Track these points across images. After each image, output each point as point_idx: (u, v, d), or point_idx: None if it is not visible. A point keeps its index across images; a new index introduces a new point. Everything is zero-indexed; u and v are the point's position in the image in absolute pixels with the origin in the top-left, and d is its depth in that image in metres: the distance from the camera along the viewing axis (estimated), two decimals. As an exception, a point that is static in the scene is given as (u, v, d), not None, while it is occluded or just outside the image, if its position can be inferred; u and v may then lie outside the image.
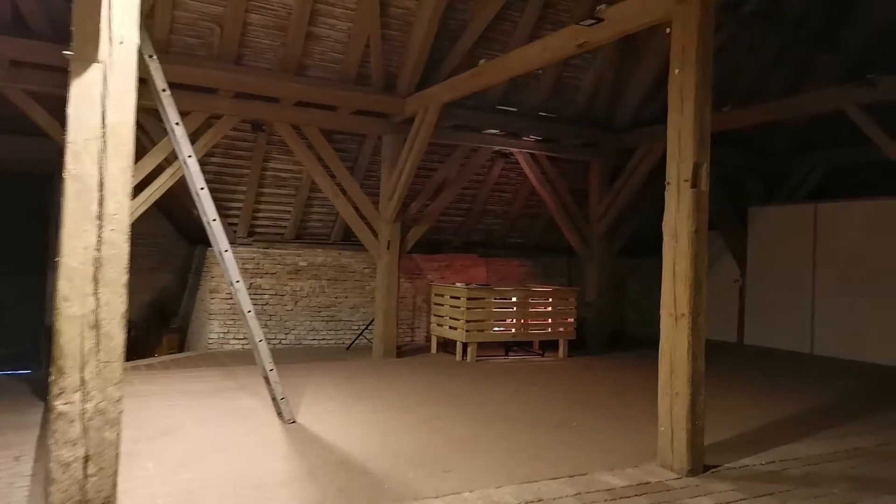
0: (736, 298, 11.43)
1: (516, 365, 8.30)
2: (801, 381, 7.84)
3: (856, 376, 8.22)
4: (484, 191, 9.92)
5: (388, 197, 8.26)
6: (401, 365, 7.93)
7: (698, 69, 4.17)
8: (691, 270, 4.14)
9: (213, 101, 7.26)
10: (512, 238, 10.90)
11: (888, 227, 9.26)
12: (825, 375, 8.23)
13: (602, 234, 9.82)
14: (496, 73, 6.33)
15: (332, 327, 9.26)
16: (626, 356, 9.24)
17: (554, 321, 8.97)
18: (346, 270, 9.40)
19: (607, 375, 7.74)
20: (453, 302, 8.51)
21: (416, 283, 9.90)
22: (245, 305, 4.84)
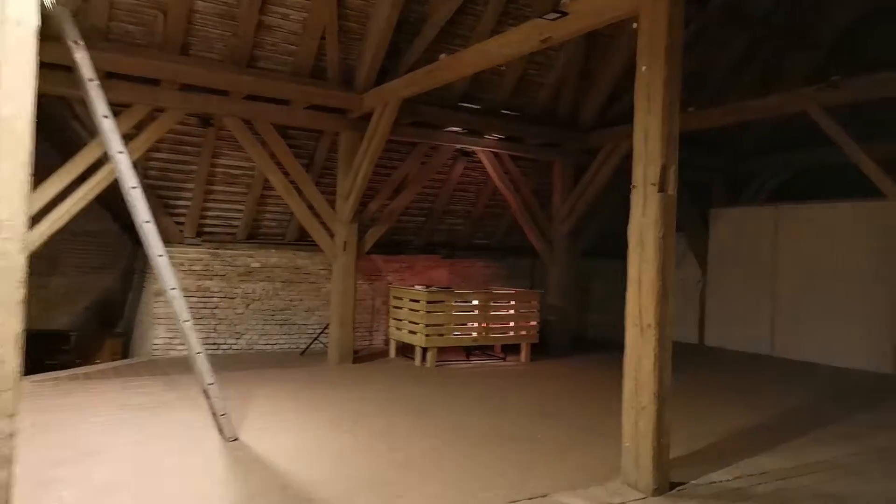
0: (697, 300, 11.39)
1: (478, 370, 8.05)
2: (762, 384, 7.76)
3: (816, 379, 8.18)
4: (446, 190, 9.64)
5: (344, 196, 7.92)
6: (357, 372, 7.60)
7: (667, 66, 3.95)
8: (658, 279, 3.92)
9: (157, 92, 6.82)
10: (475, 239, 10.65)
11: (848, 229, 9.27)
12: (786, 379, 8.17)
13: (565, 235, 9.63)
14: (456, 69, 6.05)
15: (287, 331, 8.88)
16: (589, 360, 9.06)
17: (516, 324, 8.74)
18: (301, 272, 9.02)
19: (571, 381, 7.54)
20: (412, 305, 8.21)
21: (375, 284, 9.57)
22: (182, 314, 4.47)
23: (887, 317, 8.78)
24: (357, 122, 7.91)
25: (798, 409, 6.44)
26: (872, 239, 9.00)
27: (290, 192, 7.77)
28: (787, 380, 8.13)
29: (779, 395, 7.10)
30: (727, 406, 6.47)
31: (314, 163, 8.42)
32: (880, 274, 8.89)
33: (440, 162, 8.98)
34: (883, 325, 8.82)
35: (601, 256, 11.33)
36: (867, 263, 9.03)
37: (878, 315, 8.87)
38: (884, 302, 8.83)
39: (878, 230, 8.94)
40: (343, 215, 7.94)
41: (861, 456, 4.89)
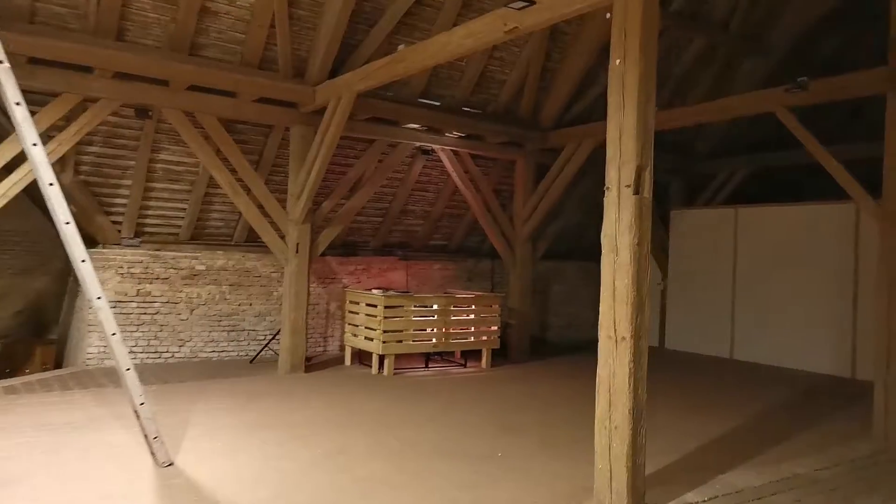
0: (657, 302, 11.29)
1: (437, 378, 7.70)
2: (725, 390, 7.63)
3: (779, 384, 8.11)
4: (404, 190, 9.27)
5: (296, 195, 7.47)
6: (310, 381, 7.16)
7: (642, 59, 3.68)
8: (633, 288, 3.64)
9: (89, 80, 6.27)
10: (433, 240, 10.31)
11: (808, 232, 9.25)
12: (749, 383, 8.06)
13: (526, 237, 9.37)
14: (416, 61, 5.68)
15: (234, 338, 8.37)
16: (551, 365, 8.82)
17: (477, 329, 8.43)
18: (250, 275, 8.53)
19: (533, 389, 7.26)
20: (369, 310, 7.82)
21: (329, 288, 9.13)
22: (109, 327, 3.99)
23: (847, 321, 8.78)
24: (309, 117, 7.47)
25: (765, 417, 6.30)
26: (833, 242, 8.99)
27: (237, 190, 7.29)
28: (750, 385, 8.02)
29: (744, 400, 6.96)
30: (692, 413, 6.28)
31: (263, 159, 7.95)
32: (841, 278, 8.89)
33: (398, 160, 8.61)
34: (843, 329, 8.82)
35: (560, 257, 11.13)
36: (828, 266, 9.02)
37: (839, 319, 8.87)
38: (844, 306, 8.83)
39: (839, 233, 8.94)
40: (295, 215, 7.49)
41: (835, 469, 4.72)
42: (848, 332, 8.80)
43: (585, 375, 8.10)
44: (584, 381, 7.83)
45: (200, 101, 6.84)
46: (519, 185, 9.41)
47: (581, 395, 6.94)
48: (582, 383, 7.54)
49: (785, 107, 6.40)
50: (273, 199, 7.49)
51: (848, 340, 8.79)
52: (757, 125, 11.00)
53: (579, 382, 7.65)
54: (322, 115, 7.16)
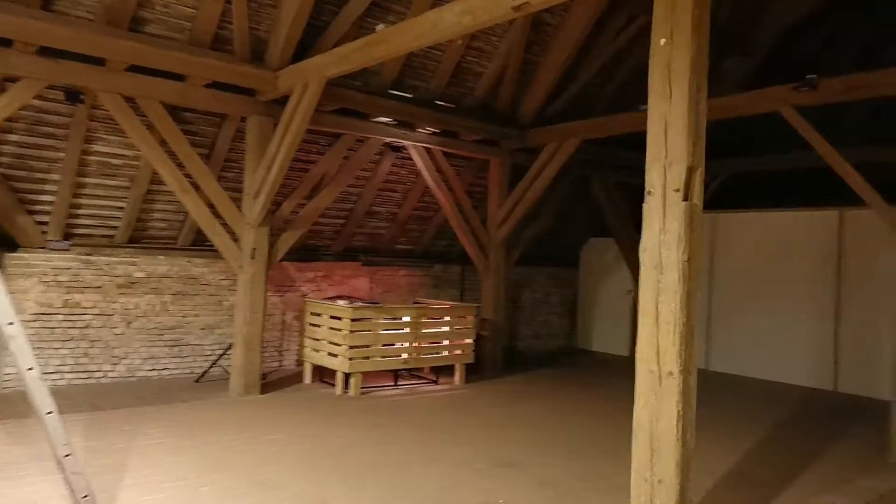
0: (628, 311, 10.86)
1: (409, 398, 6.98)
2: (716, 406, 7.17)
3: (765, 399, 7.72)
4: (370, 189, 8.50)
5: (253, 194, 6.63)
6: (268, 406, 6.33)
7: (695, 38, 3.07)
8: (683, 313, 3.03)
9: (8, 56, 5.29)
10: (399, 244, 9.56)
11: (790, 239, 8.95)
12: (737, 399, 7.64)
13: (501, 242, 8.75)
14: (399, 43, 4.96)
15: (178, 354, 7.44)
16: (527, 380, 8.22)
17: (451, 343, 7.75)
18: (197, 283, 7.61)
19: (516, 410, 6.62)
20: (334, 323, 7.03)
21: (286, 296, 8.28)
22: (25, 361, 3.13)
23: (829, 332, 8.50)
24: (269, 106, 6.65)
25: (770, 439, 5.82)
26: (816, 250, 8.71)
27: (184, 187, 6.39)
28: (739, 400, 7.60)
29: (740, 418, 6.50)
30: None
31: (215, 153, 7.06)
32: (822, 287, 8.60)
33: (366, 157, 7.84)
34: (825, 340, 8.53)
35: (530, 264, 10.55)
36: (809, 275, 8.73)
37: (820, 330, 8.57)
38: (826, 317, 8.54)
39: (822, 240, 8.66)
40: (251, 217, 6.64)
41: (871, 510, 4.25)
42: (829, 343, 8.51)
43: (569, 393, 7.57)
44: (569, 400, 7.31)
45: (142, 84, 5.94)
46: (493, 187, 8.78)
47: (572, 418, 6.37)
48: (568, 403, 6.99)
49: (792, 106, 5.95)
50: (226, 198, 6.63)
51: (829, 352, 8.51)
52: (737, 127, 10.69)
53: (565, 402, 7.09)
54: (284, 104, 6.36)
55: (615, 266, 11.13)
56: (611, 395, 7.57)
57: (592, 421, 6.31)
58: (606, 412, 6.69)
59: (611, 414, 6.60)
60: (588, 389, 7.85)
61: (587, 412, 6.66)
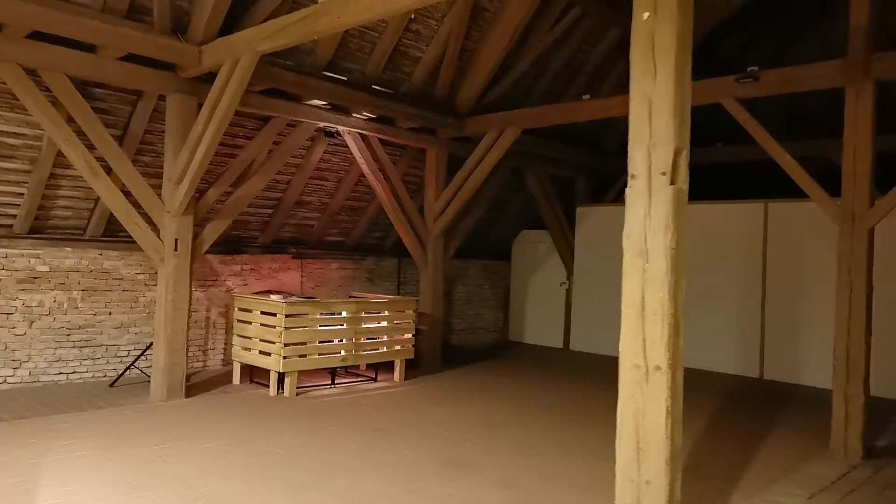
0: (563, 302, 10.88)
1: (348, 398, 6.61)
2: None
3: (699, 387, 7.85)
4: (300, 178, 8.02)
5: (175, 180, 6.06)
6: (195, 411, 5.80)
7: (681, 12, 2.90)
8: (672, 304, 2.86)
9: None
10: (329, 236, 9.12)
11: (718, 231, 9.15)
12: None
13: (439, 233, 8.48)
14: (344, 15, 4.57)
15: (89, 356, 6.75)
16: (468, 375, 8.02)
17: (390, 338, 7.42)
18: (110, 277, 6.92)
19: (462, 407, 6.38)
20: (266, 319, 6.56)
21: (210, 291, 7.70)
22: None
23: (756, 321, 8.75)
24: (191, 84, 6.09)
25: (716, 428, 5.86)
26: (743, 242, 8.95)
27: (95, 171, 5.75)
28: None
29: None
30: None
31: (129, 134, 6.40)
32: (749, 278, 8.85)
33: (298, 142, 7.36)
34: (752, 329, 8.78)
35: (462, 257, 10.35)
36: (737, 267, 8.97)
37: (748, 320, 8.82)
38: (753, 306, 8.80)
39: (748, 233, 8.91)
40: (173, 205, 6.07)
41: (822, 496, 4.28)
42: (756, 332, 8.77)
43: (510, 387, 7.40)
44: (511, 393, 7.12)
45: (46, 54, 5.26)
46: (430, 177, 8.50)
47: (517, 412, 6.20)
48: (510, 397, 6.81)
49: (734, 98, 5.99)
50: (144, 185, 6.02)
51: (756, 341, 8.77)
52: None
53: (507, 396, 6.93)
54: (208, 82, 5.83)
55: (548, 258, 11.11)
56: (551, 386, 7.48)
57: (536, 414, 6.17)
58: (549, 404, 6.58)
59: (554, 406, 6.49)
60: (528, 382, 7.73)
61: (530, 405, 6.52)
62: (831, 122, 6.19)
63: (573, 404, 6.67)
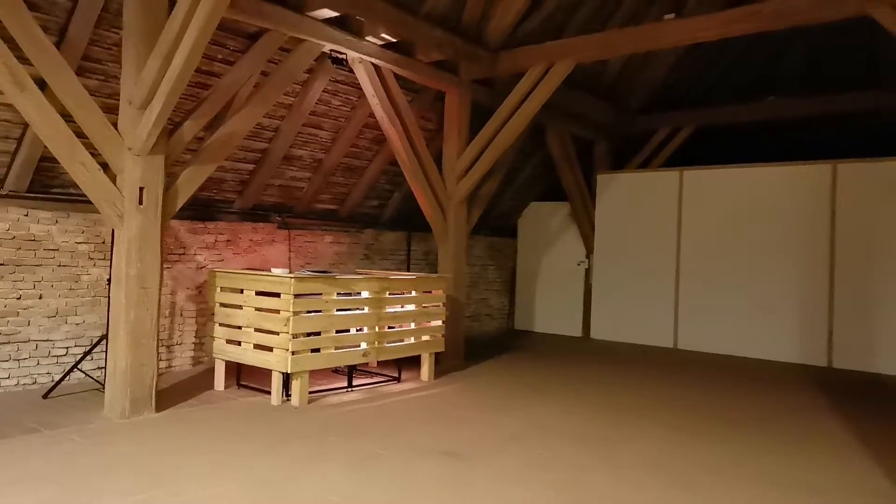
0: (581, 283, 9.49)
1: (376, 405, 4.96)
2: (728, 395, 5.87)
3: (771, 380, 6.60)
4: (292, 123, 6.26)
5: (139, 102, 4.24)
6: (172, 432, 4.03)
7: None
8: None
9: None
10: (321, 202, 7.38)
11: (772, 198, 7.94)
12: (741, 383, 6.43)
13: (462, 198, 6.89)
14: None
15: (11, 356, 4.84)
16: (499, 370, 6.50)
17: (418, 326, 5.80)
18: (40, 247, 5.02)
19: (529, 413, 4.84)
20: (265, 303, 4.82)
21: (175, 268, 5.88)
22: None
23: (822, 304, 7.57)
24: (164, -32, 4.29)
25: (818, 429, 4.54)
26: (803, 211, 7.75)
27: (21, 82, 3.88)
28: (745, 384, 6.39)
29: (765, 408, 5.21)
30: (721, 440, 4.33)
31: (68, 42, 4.52)
32: (812, 253, 7.67)
33: (296, 69, 5.60)
34: (817, 313, 7.60)
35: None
36: (795, 240, 7.77)
37: (810, 302, 7.64)
38: (816, 286, 7.61)
39: (811, 200, 7.72)
40: (137, 139, 4.25)
41: None
42: (823, 316, 7.59)
43: (564, 387, 5.80)
44: (573, 396, 5.28)
45: None
46: (452, 128, 6.88)
47: (610, 422, 4.58)
48: (578, 400, 5.19)
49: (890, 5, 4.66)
50: (94, 107, 4.18)
51: (823, 326, 7.59)
52: (705, 75, 9.63)
53: (573, 399, 5.37)
54: (189, -38, 4.04)
55: (562, 234, 9.70)
56: (606, 382, 6.05)
57: (631, 422, 4.68)
58: (629, 406, 5.13)
59: (639, 409, 5.04)
60: (573, 378, 6.27)
61: (609, 409, 5.04)
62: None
63: (662, 406, 5.24)
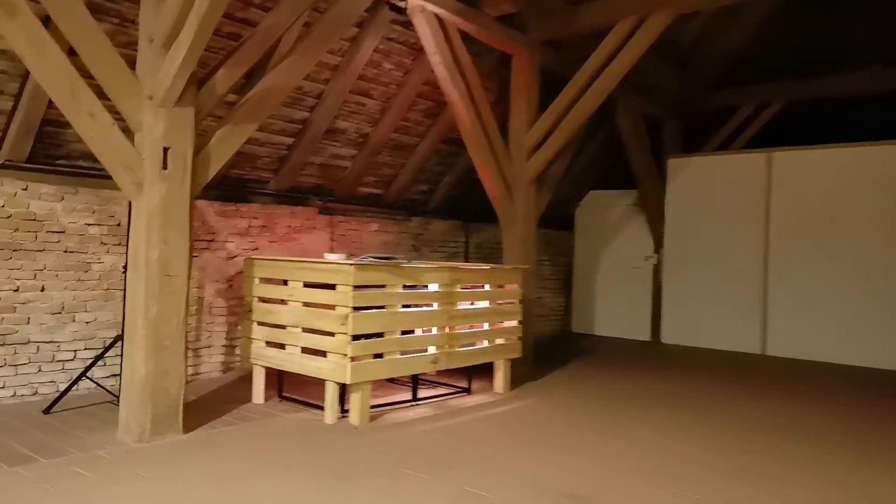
0: (649, 281, 8.48)
1: (453, 424, 3.99)
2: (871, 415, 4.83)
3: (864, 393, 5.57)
4: (338, 87, 5.33)
5: (162, 39, 3.32)
6: (206, 464, 3.10)
7: None
8: None
9: None
10: (364, 185, 6.45)
11: (873, 180, 6.90)
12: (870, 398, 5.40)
13: (532, 177, 5.92)
14: None
15: (7, 360, 3.95)
16: (579, 380, 5.53)
17: (492, 327, 4.84)
18: (42, 229, 4.13)
19: (658, 437, 3.86)
20: (317, 296, 3.88)
21: (203, 257, 4.97)
22: None
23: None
24: None
25: None
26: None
27: (12, 9, 2.98)
28: (871, 398, 5.36)
29: None
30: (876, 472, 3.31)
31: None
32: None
33: (346, 17, 4.66)
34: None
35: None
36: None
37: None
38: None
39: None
40: (160, 85, 3.33)
41: None
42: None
43: (673, 402, 4.46)
44: (689, 413, 4.31)
45: None
46: (520, 95, 5.91)
47: (726, 448, 3.53)
48: (707, 420, 4.03)
49: None
50: (105, 42, 3.26)
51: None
52: (794, 43, 8.50)
53: (697, 417, 4.30)
54: None
55: (625, 226, 8.71)
56: (720, 397, 5.05)
57: (811, 452, 3.69)
58: (774, 427, 4.12)
59: (788, 432, 4.04)
60: (670, 388, 5.28)
61: (757, 433, 4.04)
62: None
63: (797, 426, 4.24)
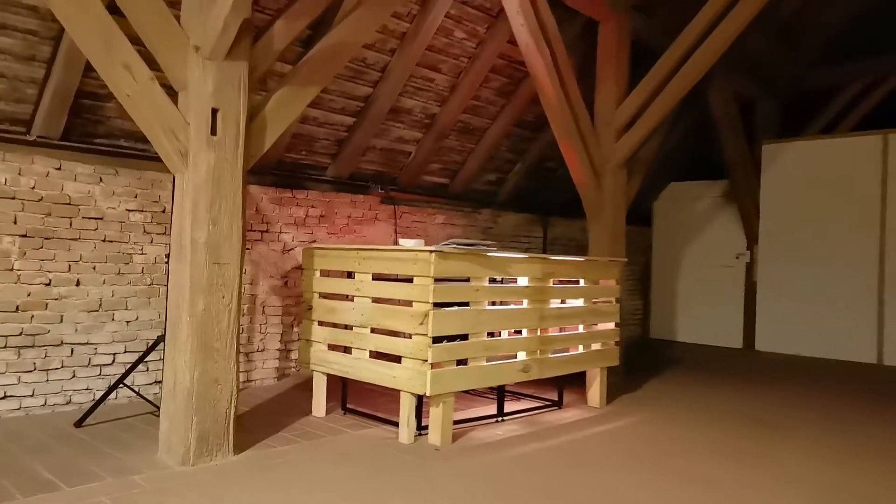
0: (741, 282, 7.63)
1: (553, 445, 3.31)
2: None
3: None
4: (404, 59, 4.73)
5: (211, -20, 2.76)
6: (259, 498, 2.50)
7: None
8: None
9: None
10: (429, 173, 5.83)
11: None
12: None
13: (621, 162, 5.20)
14: None
15: (37, 365, 3.45)
16: (682, 391, 4.76)
17: (587, 331, 4.15)
18: (78, 214, 3.64)
19: (783, 471, 3.12)
20: (389, 291, 3.26)
21: (256, 249, 4.43)
22: None
23: None
24: None
25: None
26: None
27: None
28: None
29: None
30: None
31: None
32: None
33: (421, -27, 4.07)
34: None
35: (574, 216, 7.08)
36: None
37: None
38: None
39: None
40: (208, 36, 2.77)
41: None
42: None
43: (813, 425, 3.65)
44: (811, 432, 3.43)
45: None
46: (607, 66, 5.21)
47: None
48: (825, 439, 3.64)
49: None
50: (145, -15, 2.72)
51: None
52: None
53: (821, 443, 3.49)
54: None
55: (711, 221, 7.88)
56: (865, 420, 4.23)
57: None
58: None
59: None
60: (806, 404, 4.49)
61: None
62: None
63: None
